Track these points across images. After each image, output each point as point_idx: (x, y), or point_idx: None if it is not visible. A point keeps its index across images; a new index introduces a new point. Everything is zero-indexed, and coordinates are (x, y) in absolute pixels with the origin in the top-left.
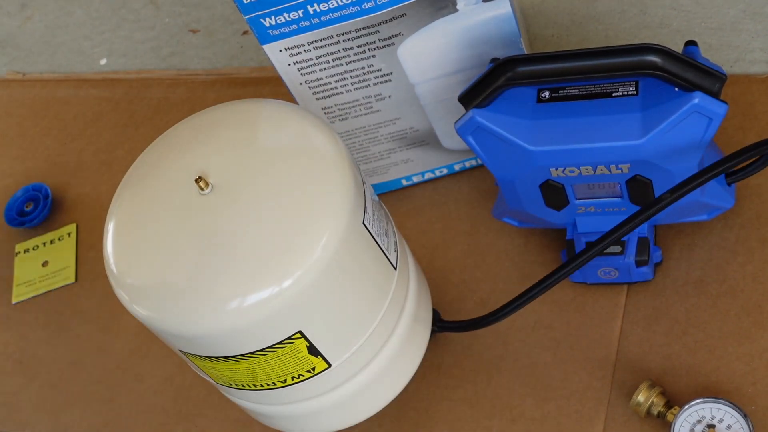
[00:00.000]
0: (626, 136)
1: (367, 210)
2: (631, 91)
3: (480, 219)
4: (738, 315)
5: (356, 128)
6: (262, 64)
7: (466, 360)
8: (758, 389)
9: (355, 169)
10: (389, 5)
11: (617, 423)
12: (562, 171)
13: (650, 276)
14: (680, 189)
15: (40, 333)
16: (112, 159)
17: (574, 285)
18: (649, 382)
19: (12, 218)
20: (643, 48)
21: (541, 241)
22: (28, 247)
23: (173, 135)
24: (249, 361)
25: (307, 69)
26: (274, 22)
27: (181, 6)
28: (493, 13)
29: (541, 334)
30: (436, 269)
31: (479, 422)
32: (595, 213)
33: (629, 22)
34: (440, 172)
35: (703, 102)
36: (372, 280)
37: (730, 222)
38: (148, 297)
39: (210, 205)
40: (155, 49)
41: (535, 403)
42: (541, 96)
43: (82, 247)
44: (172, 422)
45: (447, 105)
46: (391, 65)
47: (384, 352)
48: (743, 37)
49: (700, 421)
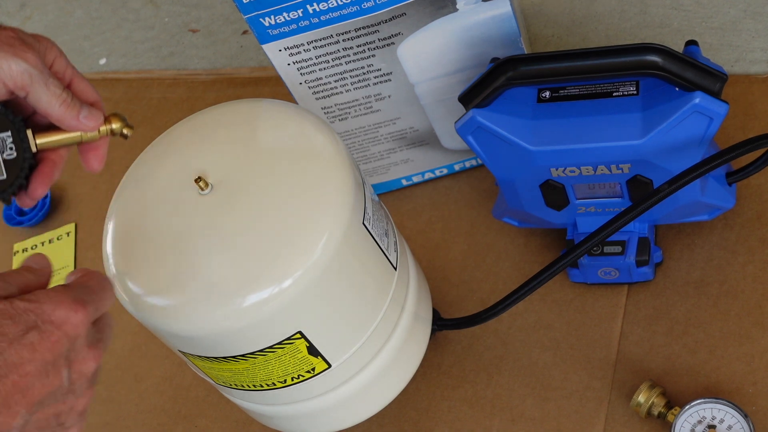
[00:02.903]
0: (627, 136)
1: (367, 210)
2: (632, 90)
3: (480, 219)
4: (738, 315)
5: (356, 128)
6: (261, 63)
7: (466, 360)
8: (759, 389)
9: (355, 169)
10: (389, 5)
11: (617, 423)
12: (563, 171)
13: (651, 276)
14: (678, 180)
15: None
16: (112, 159)
17: (574, 285)
18: (649, 383)
19: (10, 217)
20: (644, 48)
21: (541, 241)
22: (26, 247)
23: (173, 135)
24: (249, 361)
25: (307, 69)
26: (274, 22)
27: (180, 6)
28: (493, 13)
29: (541, 334)
30: (436, 269)
31: (479, 422)
32: (595, 213)
33: (629, 22)
34: (440, 172)
35: (703, 102)
36: (372, 280)
37: (730, 222)
38: (148, 297)
39: (210, 205)
40: (155, 48)
41: (535, 403)
42: (541, 96)
43: (80, 246)
44: (171, 422)
45: (447, 105)
46: (390, 65)
47: (384, 352)
48: (744, 36)
49: (701, 421)
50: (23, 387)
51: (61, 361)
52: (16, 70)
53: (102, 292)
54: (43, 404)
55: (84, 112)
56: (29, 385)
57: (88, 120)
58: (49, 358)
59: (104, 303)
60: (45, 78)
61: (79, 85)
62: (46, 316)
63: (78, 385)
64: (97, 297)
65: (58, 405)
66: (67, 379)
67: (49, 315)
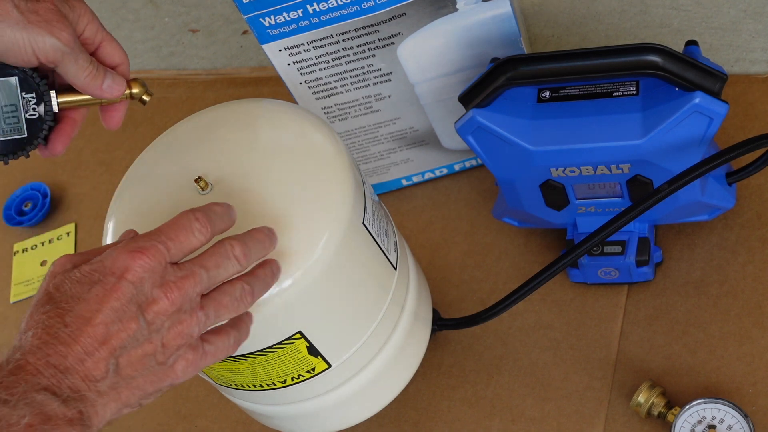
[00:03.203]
0: (627, 136)
1: (367, 210)
2: (632, 90)
3: (480, 219)
4: (738, 315)
5: (356, 128)
6: (261, 63)
7: (466, 360)
8: (759, 389)
9: (355, 169)
10: (389, 5)
11: (617, 423)
12: (563, 171)
13: (651, 276)
14: (678, 180)
15: None
16: (112, 159)
17: (574, 285)
18: (649, 383)
19: (10, 217)
20: (644, 48)
21: (541, 241)
22: (26, 247)
23: (173, 135)
24: (249, 361)
25: (307, 69)
26: (274, 22)
27: (180, 6)
28: (493, 13)
29: (541, 334)
30: (436, 269)
31: (479, 422)
32: (595, 213)
33: (629, 22)
34: (440, 172)
35: (703, 102)
36: (372, 280)
37: (730, 222)
38: None
39: None
40: (155, 48)
41: (535, 403)
42: (541, 96)
43: (80, 246)
44: (171, 422)
45: (447, 105)
46: (390, 65)
47: (384, 352)
48: (744, 36)
49: (701, 421)
50: (100, 336)
51: (132, 306)
52: (50, 47)
53: (176, 231)
54: (126, 348)
55: (108, 81)
56: (105, 333)
57: (111, 89)
58: (117, 306)
59: (182, 241)
60: (75, 55)
61: (107, 47)
62: (107, 270)
63: (158, 323)
64: (166, 237)
65: (145, 345)
66: (143, 320)
67: (109, 268)
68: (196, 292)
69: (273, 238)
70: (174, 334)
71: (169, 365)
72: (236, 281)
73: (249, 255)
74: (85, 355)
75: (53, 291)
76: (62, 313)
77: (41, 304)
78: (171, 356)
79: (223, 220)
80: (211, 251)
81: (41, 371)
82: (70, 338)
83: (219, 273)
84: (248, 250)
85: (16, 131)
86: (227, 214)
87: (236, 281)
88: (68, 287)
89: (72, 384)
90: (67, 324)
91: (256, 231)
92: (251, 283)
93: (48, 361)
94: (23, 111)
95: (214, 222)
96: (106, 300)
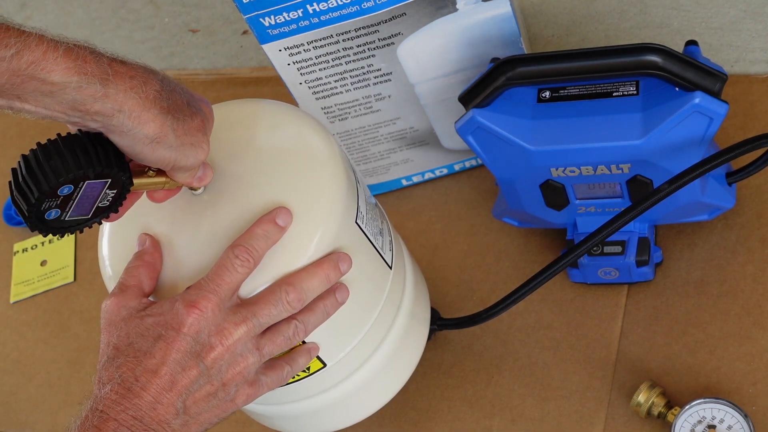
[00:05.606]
0: (627, 136)
1: (360, 209)
2: (632, 90)
3: (480, 219)
4: (738, 315)
5: (356, 128)
6: (261, 63)
7: (466, 360)
8: (759, 389)
9: (349, 169)
10: (389, 5)
11: (617, 423)
12: (563, 171)
13: (651, 276)
14: (678, 180)
15: (39, 332)
16: None
17: (574, 285)
18: (649, 383)
19: (10, 217)
20: (644, 48)
21: (541, 241)
22: (26, 247)
23: None
24: None
25: (307, 69)
26: (274, 22)
27: (181, 6)
28: (493, 13)
29: (541, 334)
30: (436, 269)
31: (479, 422)
32: (595, 213)
33: (629, 22)
34: (440, 172)
35: (703, 102)
36: (366, 278)
37: (730, 222)
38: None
39: (204, 206)
40: (155, 49)
41: (535, 403)
42: (541, 96)
43: (80, 246)
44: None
45: (447, 105)
46: (390, 65)
47: (381, 351)
48: (744, 36)
49: (701, 421)
50: (166, 385)
51: (190, 356)
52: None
53: (221, 274)
54: (191, 390)
55: (199, 173)
56: (171, 381)
57: (201, 181)
58: (178, 357)
59: (229, 282)
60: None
61: None
62: (168, 324)
63: (216, 367)
64: (214, 283)
65: (207, 387)
66: (203, 366)
67: (169, 323)
68: (250, 336)
69: (336, 272)
70: (232, 374)
71: (230, 399)
72: (291, 319)
73: (303, 299)
74: (156, 403)
75: (121, 345)
76: (132, 368)
77: (112, 359)
78: (231, 392)
79: (267, 238)
80: (265, 299)
81: (122, 423)
82: (142, 390)
83: (272, 319)
84: (303, 295)
85: (83, 214)
86: (271, 232)
87: (291, 319)
88: (134, 340)
89: (148, 428)
90: (138, 377)
91: (318, 266)
92: (305, 321)
93: (127, 413)
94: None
95: (256, 247)
96: (169, 353)
